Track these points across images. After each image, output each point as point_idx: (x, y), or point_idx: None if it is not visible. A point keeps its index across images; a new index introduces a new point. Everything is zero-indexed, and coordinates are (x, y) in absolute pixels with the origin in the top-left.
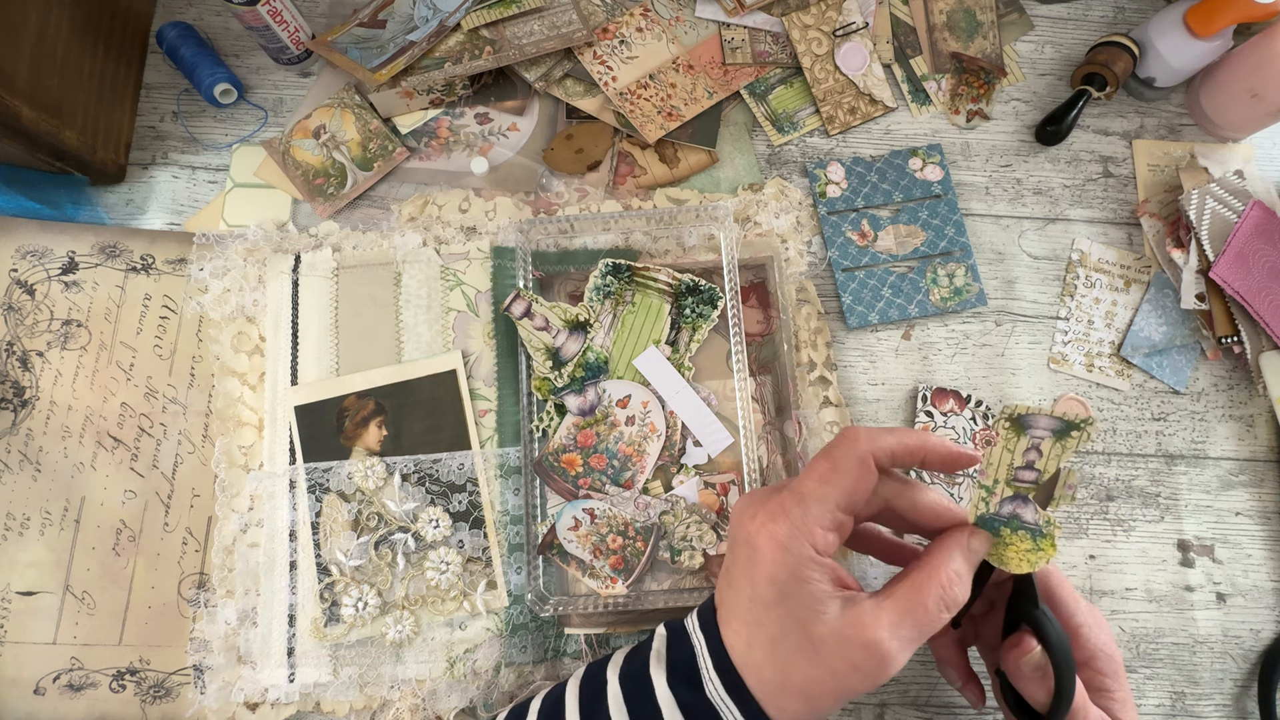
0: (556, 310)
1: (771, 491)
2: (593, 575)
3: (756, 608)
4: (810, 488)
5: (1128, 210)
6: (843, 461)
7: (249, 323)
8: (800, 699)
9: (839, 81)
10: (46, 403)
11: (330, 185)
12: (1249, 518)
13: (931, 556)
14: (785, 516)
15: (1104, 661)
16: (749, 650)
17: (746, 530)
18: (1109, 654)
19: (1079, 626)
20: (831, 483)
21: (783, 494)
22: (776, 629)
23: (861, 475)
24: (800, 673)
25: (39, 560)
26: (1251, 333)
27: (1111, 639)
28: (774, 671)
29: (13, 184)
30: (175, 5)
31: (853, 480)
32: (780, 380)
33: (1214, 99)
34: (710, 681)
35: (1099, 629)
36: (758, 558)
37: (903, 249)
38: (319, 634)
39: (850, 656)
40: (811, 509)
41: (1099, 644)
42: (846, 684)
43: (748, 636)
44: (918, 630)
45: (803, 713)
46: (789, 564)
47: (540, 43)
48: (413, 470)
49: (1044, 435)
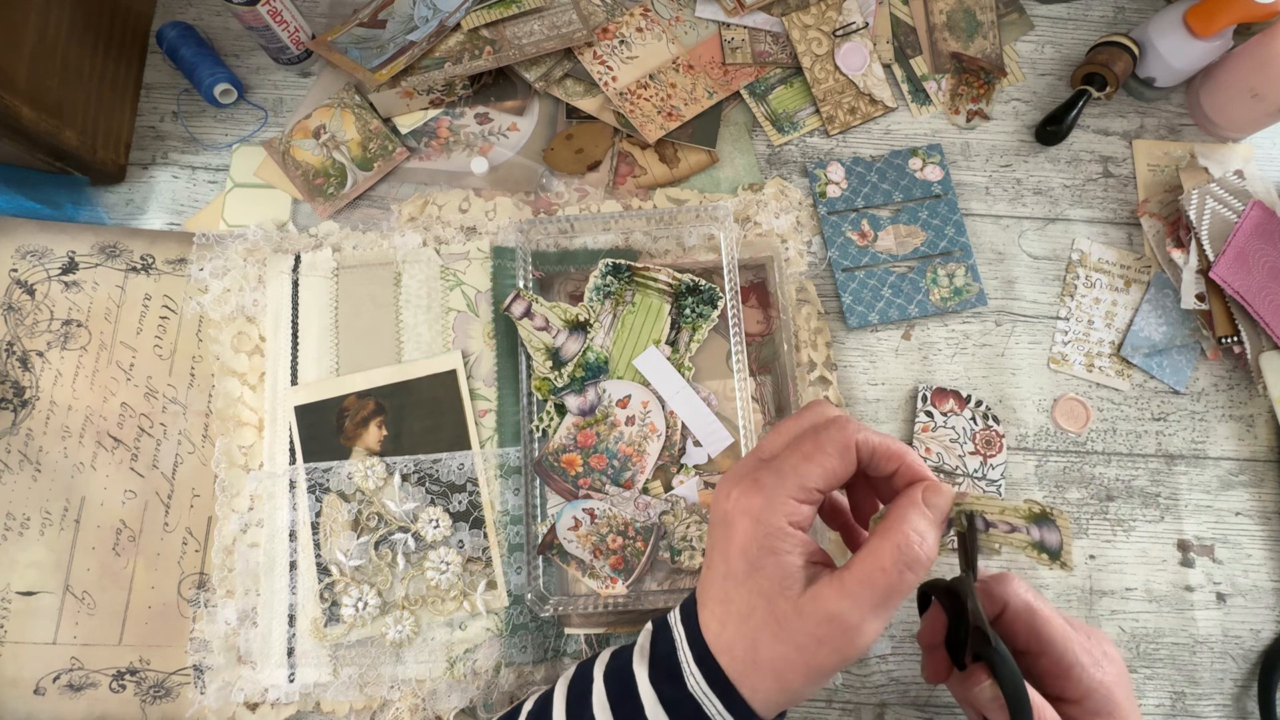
0: (556, 310)
1: (746, 469)
2: (593, 575)
3: (729, 584)
4: (791, 463)
5: (1128, 210)
6: (828, 444)
7: (249, 323)
8: (771, 677)
9: (839, 81)
10: (46, 403)
11: (330, 185)
12: (1249, 518)
13: (887, 520)
14: (760, 490)
15: (1099, 701)
16: (721, 629)
17: (723, 509)
18: (1105, 694)
19: (1070, 667)
20: (814, 461)
21: (759, 470)
22: (745, 604)
23: (844, 461)
24: (768, 649)
25: (39, 560)
26: (1251, 333)
27: (1118, 675)
28: (744, 649)
29: (13, 184)
30: (175, 5)
31: (834, 463)
32: (780, 380)
33: (1214, 99)
34: (691, 675)
35: (1096, 666)
36: (731, 533)
37: (903, 249)
38: (319, 634)
39: (814, 631)
40: (788, 481)
41: (1092, 684)
42: (814, 660)
43: (721, 614)
44: (880, 596)
45: (775, 692)
46: (759, 535)
47: (540, 43)
48: (413, 470)
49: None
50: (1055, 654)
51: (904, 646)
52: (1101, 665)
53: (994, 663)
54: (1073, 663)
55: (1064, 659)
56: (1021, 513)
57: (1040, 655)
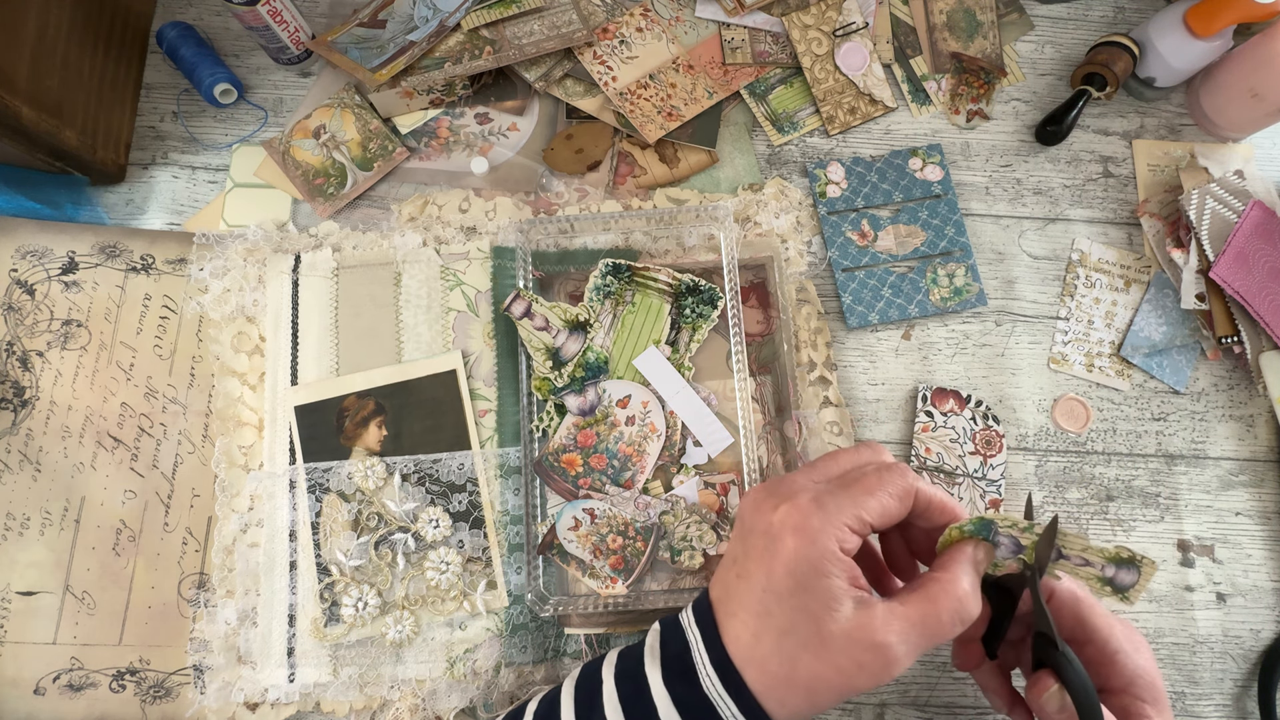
0: (556, 310)
1: (796, 487)
2: (593, 575)
3: (769, 598)
4: (853, 494)
5: (1128, 210)
6: (890, 485)
7: (249, 323)
8: (803, 694)
9: (839, 81)
10: (46, 403)
11: (330, 185)
12: (1249, 518)
13: (946, 570)
14: (819, 510)
15: (1143, 688)
16: (755, 642)
17: (767, 520)
18: (1149, 680)
19: (1114, 653)
20: (875, 496)
21: (819, 490)
22: (787, 621)
23: (901, 504)
24: (806, 668)
25: (39, 560)
26: (1251, 333)
27: (1152, 661)
28: (780, 665)
29: (13, 184)
30: (175, 5)
31: (893, 504)
32: (780, 380)
33: (1214, 99)
34: (707, 677)
35: (1137, 652)
36: (778, 548)
37: (903, 249)
38: (319, 634)
39: (858, 656)
40: (846, 509)
41: (1137, 669)
42: (851, 682)
43: (755, 628)
44: (927, 640)
45: (803, 708)
46: (812, 556)
47: (540, 43)
48: (413, 470)
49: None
50: (1100, 642)
51: None
52: (1141, 652)
53: (1062, 667)
54: (1118, 648)
55: (1108, 645)
56: (1108, 555)
57: (1086, 644)
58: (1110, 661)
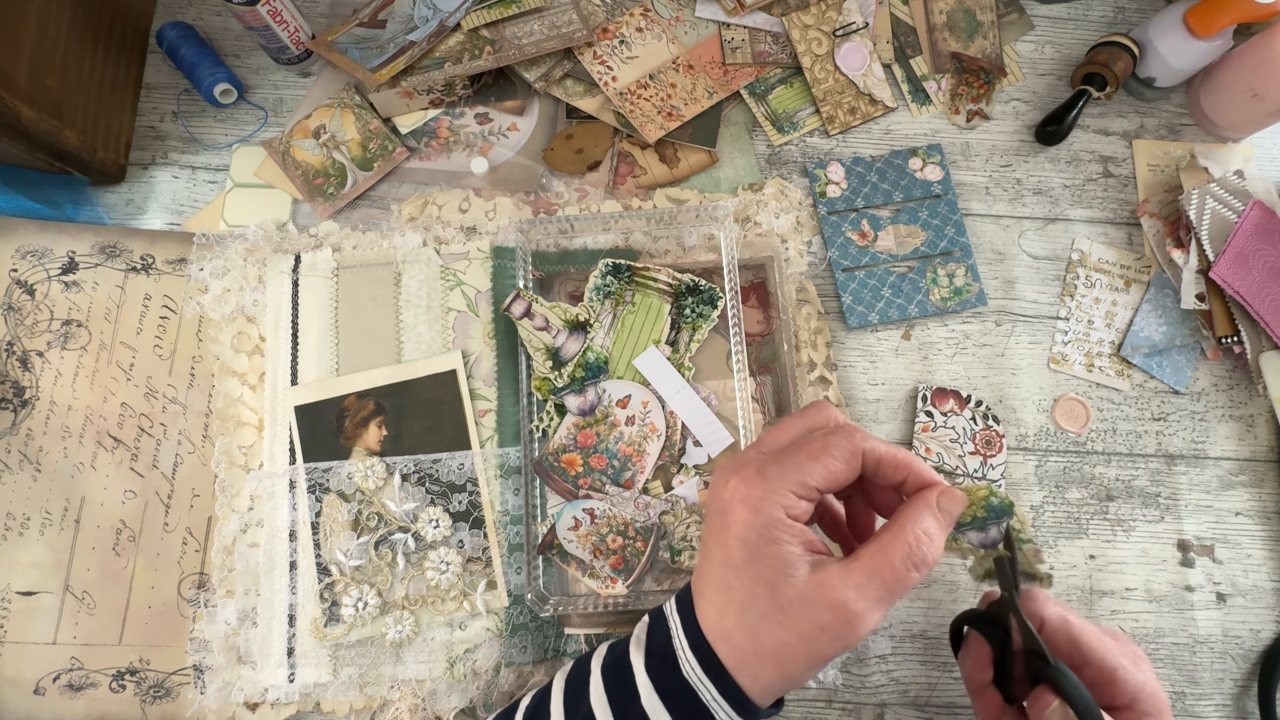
0: (556, 310)
1: (745, 460)
2: (593, 575)
3: (728, 573)
4: (796, 460)
5: (1128, 210)
6: (835, 448)
7: (249, 323)
8: (772, 664)
9: (839, 81)
10: (46, 403)
11: (330, 185)
12: (1249, 518)
13: (899, 518)
14: (762, 480)
15: (1148, 702)
16: (721, 618)
17: (720, 497)
18: (1151, 693)
19: (1114, 670)
20: (819, 461)
21: (762, 460)
22: (746, 593)
23: (848, 466)
24: (770, 637)
25: (39, 560)
26: (1251, 333)
27: (1152, 674)
28: (745, 637)
29: (13, 184)
30: (175, 5)
31: (839, 466)
32: (780, 380)
33: (1214, 99)
34: (686, 661)
35: (1136, 667)
36: (728, 521)
37: (903, 249)
38: (319, 634)
39: (817, 618)
40: (790, 476)
41: (1140, 685)
42: (816, 647)
43: (720, 604)
44: (885, 589)
45: (774, 679)
46: (759, 525)
47: (540, 43)
48: (413, 470)
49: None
50: (1097, 661)
51: (904, 646)
52: (1140, 666)
53: (1057, 681)
54: (1116, 666)
55: (1106, 664)
56: (980, 499)
57: (1084, 666)
58: (1111, 680)
